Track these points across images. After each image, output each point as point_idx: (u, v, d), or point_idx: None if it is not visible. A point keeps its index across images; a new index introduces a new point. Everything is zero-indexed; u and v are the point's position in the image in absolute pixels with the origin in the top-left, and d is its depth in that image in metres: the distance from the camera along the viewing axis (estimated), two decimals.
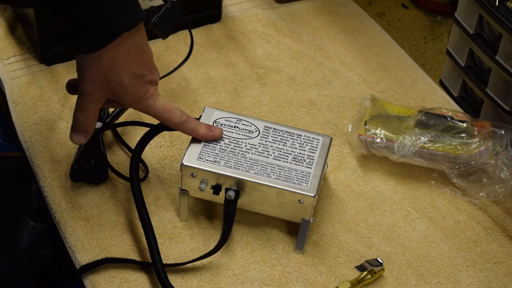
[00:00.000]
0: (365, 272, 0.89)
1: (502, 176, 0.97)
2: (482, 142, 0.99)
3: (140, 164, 1.00)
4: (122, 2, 0.82)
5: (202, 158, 0.90)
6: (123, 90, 0.86)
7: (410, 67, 1.18)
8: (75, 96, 1.08)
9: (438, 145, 0.99)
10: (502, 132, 0.99)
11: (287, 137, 0.93)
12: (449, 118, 1.02)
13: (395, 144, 0.99)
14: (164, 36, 1.02)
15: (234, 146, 0.92)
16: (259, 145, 0.92)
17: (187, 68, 1.14)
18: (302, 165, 0.90)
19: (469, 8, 1.06)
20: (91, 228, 0.94)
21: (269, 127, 0.94)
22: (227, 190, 0.90)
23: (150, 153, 1.02)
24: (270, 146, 0.92)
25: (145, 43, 0.86)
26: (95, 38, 0.82)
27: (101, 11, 0.80)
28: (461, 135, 1.00)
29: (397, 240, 0.95)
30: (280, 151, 0.92)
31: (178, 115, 0.90)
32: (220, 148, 0.91)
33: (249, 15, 1.24)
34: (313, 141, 0.93)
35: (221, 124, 0.94)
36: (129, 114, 1.07)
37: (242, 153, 0.91)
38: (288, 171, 0.90)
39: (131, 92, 0.86)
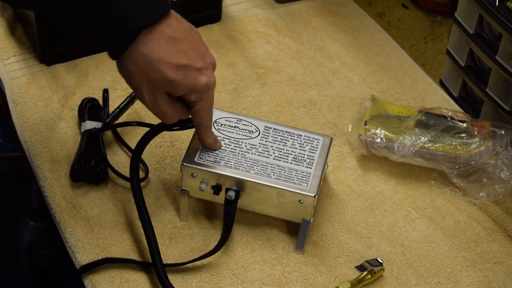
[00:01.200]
0: (365, 272, 0.89)
1: (502, 176, 0.97)
2: (482, 142, 0.99)
3: (140, 164, 1.00)
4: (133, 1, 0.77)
5: (202, 158, 0.90)
6: (173, 85, 0.81)
7: (410, 67, 1.18)
8: (75, 96, 1.08)
9: (438, 145, 0.99)
10: (502, 132, 0.99)
11: (287, 137, 0.93)
12: (449, 118, 1.02)
13: (395, 144, 0.99)
14: None
15: (234, 146, 0.92)
16: (259, 145, 0.92)
17: None
18: (302, 165, 0.90)
19: (469, 8, 1.06)
20: (91, 228, 0.94)
21: (269, 127, 0.94)
22: (227, 190, 0.90)
23: (150, 153, 1.02)
24: (270, 146, 0.92)
25: (178, 32, 0.81)
26: (115, 42, 0.78)
27: (111, 13, 0.77)
28: (461, 135, 1.00)
29: (397, 240, 0.95)
30: (280, 151, 0.92)
31: (210, 119, 0.87)
32: (220, 148, 0.91)
33: (249, 15, 1.24)
34: (313, 141, 0.93)
35: (221, 124, 0.94)
36: (129, 114, 1.06)
37: (242, 153, 0.91)
38: (288, 171, 0.90)
39: (182, 84, 0.81)
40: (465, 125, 1.01)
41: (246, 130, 0.94)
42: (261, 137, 0.93)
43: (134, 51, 0.79)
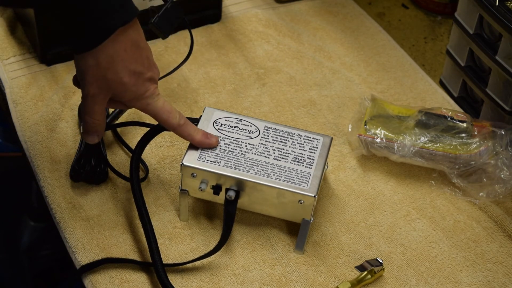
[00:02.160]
0: (365, 272, 0.89)
1: (502, 176, 0.97)
2: (482, 142, 0.99)
3: (140, 164, 1.00)
4: (115, 0, 0.82)
5: (202, 158, 0.90)
6: (123, 88, 0.86)
7: (410, 67, 1.18)
8: (75, 96, 1.08)
9: (438, 145, 0.99)
10: (502, 132, 0.99)
11: (287, 137, 0.93)
12: (449, 118, 1.02)
13: (395, 144, 0.99)
14: (164, 36, 1.02)
15: (234, 146, 0.92)
16: (259, 145, 0.92)
17: (187, 68, 1.14)
18: (303, 165, 0.90)
19: (469, 8, 1.06)
20: (91, 228, 0.94)
21: (269, 127, 0.94)
22: (227, 190, 0.90)
23: (150, 153, 1.02)
24: (270, 146, 0.92)
25: (142, 40, 0.86)
26: (91, 36, 0.82)
27: (94, 9, 0.80)
28: (461, 135, 1.00)
29: (397, 240, 0.95)
30: (281, 151, 0.92)
31: (176, 117, 0.90)
32: (220, 148, 0.91)
33: (249, 15, 1.24)
34: (313, 141, 0.93)
35: (221, 124, 0.94)
36: (129, 114, 1.07)
37: (242, 153, 0.91)
38: (288, 171, 0.90)
39: (131, 90, 0.86)
40: (465, 125, 1.01)
41: (246, 130, 0.94)
42: (261, 137, 0.93)
43: (101, 48, 0.83)
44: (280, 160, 0.91)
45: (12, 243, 1.37)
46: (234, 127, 0.94)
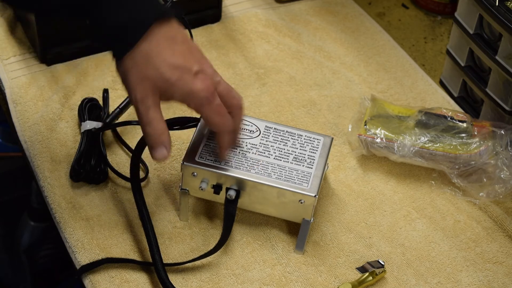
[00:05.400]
0: (367, 274, 0.89)
1: (502, 176, 0.97)
2: (482, 142, 0.99)
3: (140, 164, 1.00)
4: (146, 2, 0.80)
5: (203, 158, 0.90)
6: (169, 85, 0.81)
7: (410, 67, 1.18)
8: (75, 96, 1.08)
9: (438, 145, 0.99)
10: (502, 132, 0.99)
11: (288, 137, 0.93)
12: (449, 118, 1.02)
13: (395, 144, 0.99)
14: None
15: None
16: (260, 145, 0.92)
17: None
18: (303, 165, 0.90)
19: (469, 8, 1.06)
20: (91, 228, 0.94)
21: (270, 127, 0.94)
22: (227, 189, 0.90)
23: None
24: (271, 146, 0.92)
25: (178, 34, 0.82)
26: (126, 38, 0.79)
27: (125, 10, 0.79)
28: (461, 135, 1.00)
29: (397, 240, 0.95)
30: (281, 151, 0.92)
31: (226, 125, 0.86)
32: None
33: (249, 15, 1.24)
34: (314, 141, 0.93)
35: None
36: (129, 114, 1.06)
37: (243, 153, 0.91)
38: (289, 171, 0.90)
39: (177, 86, 0.81)
40: (465, 125, 1.01)
41: (246, 129, 0.94)
42: (262, 136, 0.93)
43: (135, 48, 0.80)
44: (280, 160, 0.91)
45: (12, 243, 1.37)
46: None
